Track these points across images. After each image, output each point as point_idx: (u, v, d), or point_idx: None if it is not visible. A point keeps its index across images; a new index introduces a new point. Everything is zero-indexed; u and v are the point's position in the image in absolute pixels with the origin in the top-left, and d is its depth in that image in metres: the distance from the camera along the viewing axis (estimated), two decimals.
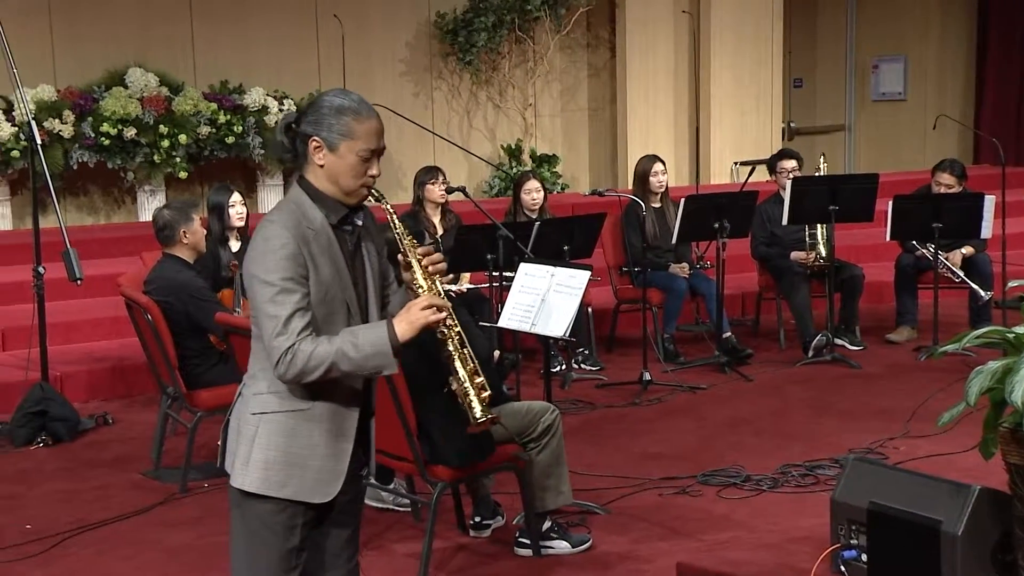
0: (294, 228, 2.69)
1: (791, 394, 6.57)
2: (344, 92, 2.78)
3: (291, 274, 2.66)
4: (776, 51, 11.35)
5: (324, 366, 2.66)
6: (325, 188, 2.76)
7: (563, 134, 11.28)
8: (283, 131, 2.83)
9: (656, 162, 7.47)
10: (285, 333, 2.65)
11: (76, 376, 6.64)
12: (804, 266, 7.37)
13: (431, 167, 7.29)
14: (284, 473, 2.74)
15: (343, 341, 2.67)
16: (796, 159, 7.58)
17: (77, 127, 8.78)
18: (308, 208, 2.75)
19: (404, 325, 2.69)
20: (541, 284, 5.14)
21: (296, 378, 2.68)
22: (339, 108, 2.72)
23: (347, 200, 2.77)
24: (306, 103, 9.61)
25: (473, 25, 10.38)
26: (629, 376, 6.87)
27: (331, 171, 2.74)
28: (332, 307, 2.73)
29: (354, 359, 2.66)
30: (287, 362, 2.66)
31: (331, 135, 2.72)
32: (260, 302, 2.69)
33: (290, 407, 2.75)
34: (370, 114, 2.73)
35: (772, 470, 5.23)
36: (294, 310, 2.66)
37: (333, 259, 2.73)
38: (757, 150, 11.11)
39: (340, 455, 2.78)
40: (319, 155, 2.74)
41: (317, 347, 2.66)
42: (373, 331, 2.69)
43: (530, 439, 4.43)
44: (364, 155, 2.72)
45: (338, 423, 2.78)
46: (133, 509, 4.98)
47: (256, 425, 2.76)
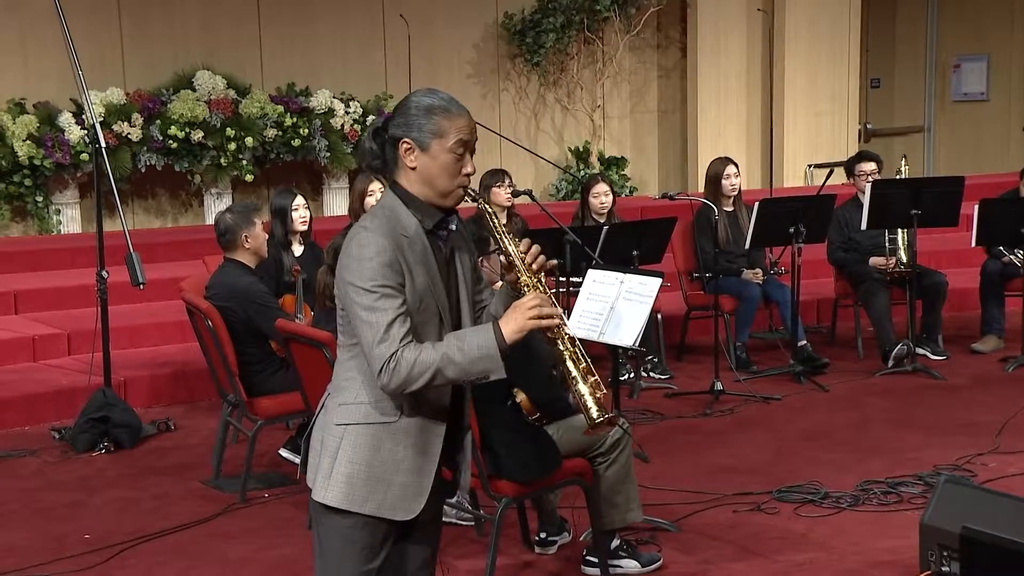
0: (390, 235, 2.60)
1: (870, 406, 6.31)
2: (432, 91, 2.69)
3: (389, 281, 2.57)
4: (853, 50, 11.04)
5: (429, 372, 2.55)
6: (419, 192, 2.66)
7: (632, 136, 11.09)
8: (371, 137, 2.73)
9: (729, 164, 7.25)
10: (387, 340, 2.55)
11: (139, 381, 6.60)
12: (883, 272, 7.10)
13: (497, 170, 7.15)
14: (367, 488, 2.64)
15: (448, 346, 2.57)
16: (876, 161, 7.30)
17: (145, 130, 8.80)
18: (402, 214, 2.65)
19: (512, 326, 2.56)
20: (610, 291, 4.97)
21: (400, 386, 2.57)
22: (428, 107, 2.64)
23: (443, 203, 2.66)
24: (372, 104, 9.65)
25: (541, 26, 10.23)
26: (700, 385, 6.66)
27: (424, 173, 2.64)
28: (425, 316, 2.63)
29: (460, 364, 2.55)
30: (391, 370, 2.55)
31: (422, 135, 2.63)
32: (358, 310, 2.58)
33: (376, 419, 2.64)
34: (460, 111, 2.65)
35: (852, 487, 5.00)
36: (394, 316, 2.56)
37: (428, 267, 2.64)
38: (832, 152, 10.82)
39: (424, 472, 2.67)
40: (411, 157, 2.65)
41: (421, 353, 2.55)
42: (479, 334, 2.58)
43: (598, 454, 4.27)
44: (457, 152, 2.63)
45: (424, 438, 2.67)
46: (192, 519, 4.90)
47: (340, 436, 2.66)
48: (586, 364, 2.59)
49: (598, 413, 2.56)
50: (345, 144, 9.31)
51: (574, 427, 4.26)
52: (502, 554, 4.29)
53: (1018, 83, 12.17)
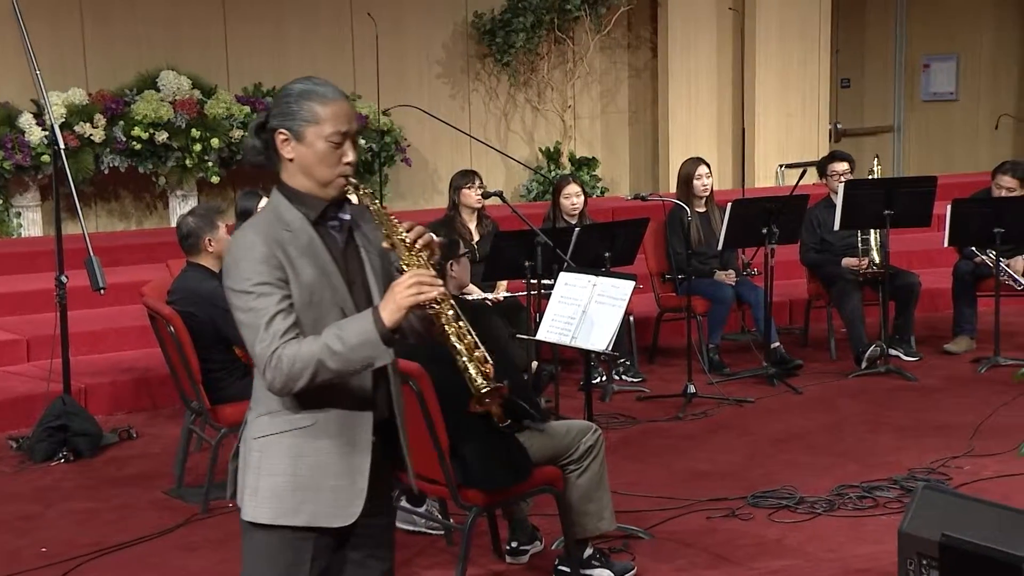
0: (265, 232, 2.50)
1: (844, 408, 6.26)
2: (308, 78, 2.59)
3: (265, 278, 2.46)
4: (823, 50, 11.03)
5: (311, 367, 2.43)
6: (301, 185, 2.56)
7: (603, 137, 11.02)
8: (254, 133, 2.63)
9: (700, 165, 7.19)
10: (266, 338, 2.44)
11: (100, 388, 6.45)
12: (856, 273, 7.05)
13: (467, 171, 7.06)
14: (296, 498, 2.53)
15: (328, 336, 2.44)
16: (848, 161, 7.26)
17: (108, 131, 8.63)
18: (284, 210, 2.55)
19: (390, 307, 2.44)
20: (582, 294, 4.90)
21: (285, 386, 2.46)
22: (300, 93, 2.53)
23: (324, 193, 2.56)
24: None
25: (511, 25, 10.14)
26: (672, 388, 6.59)
27: (302, 163, 2.54)
28: (321, 311, 2.51)
29: (341, 353, 2.43)
30: (273, 368, 2.44)
31: (296, 123, 2.52)
32: (238, 314, 2.49)
33: (291, 425, 2.53)
34: (336, 96, 2.54)
35: (827, 491, 4.94)
36: (274, 313, 2.45)
37: (316, 259, 2.52)
38: (803, 152, 10.79)
39: (356, 472, 2.55)
40: (287, 148, 2.55)
41: (301, 347, 2.44)
42: (359, 321, 2.46)
43: (570, 461, 4.19)
44: (334, 140, 2.52)
45: (349, 436, 2.54)
46: (153, 530, 4.77)
47: (260, 450, 2.55)
48: (471, 339, 2.48)
49: (483, 382, 2.46)
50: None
51: (546, 434, 4.18)
52: (472, 564, 4.19)
53: (987, 82, 12.20)
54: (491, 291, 6.66)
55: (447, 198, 7.09)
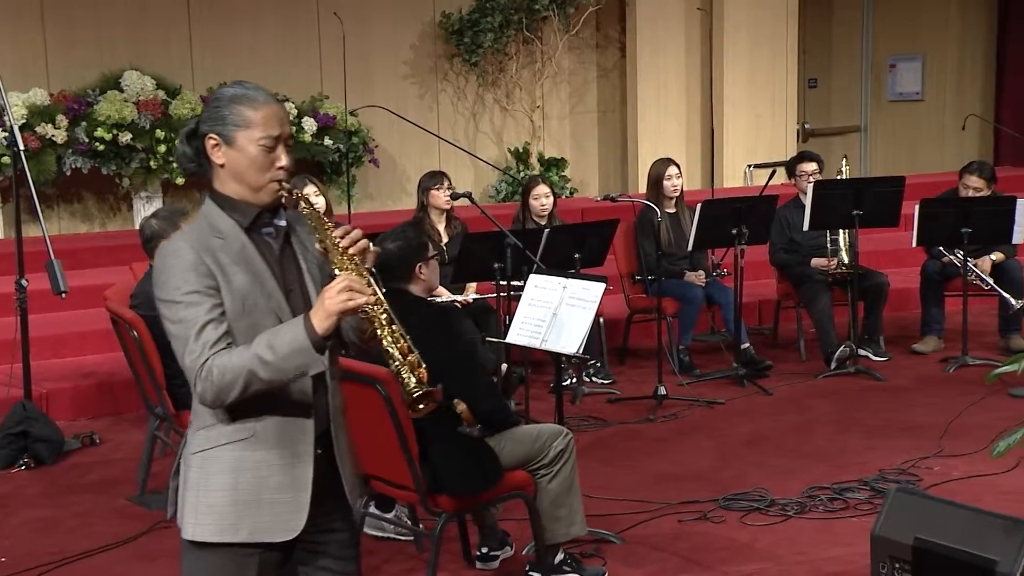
0: (194, 239, 2.44)
1: (814, 409, 6.26)
2: (239, 82, 2.53)
3: (194, 287, 2.39)
4: (791, 50, 11.03)
5: (242, 377, 2.35)
6: (234, 192, 2.50)
7: (572, 137, 10.97)
8: (185, 140, 2.53)
9: (670, 165, 7.17)
10: (196, 349, 2.37)
11: (62, 393, 6.35)
12: (825, 273, 7.05)
13: (435, 172, 7.00)
14: (236, 514, 2.45)
15: (258, 345, 2.37)
16: (816, 162, 7.26)
17: (70, 132, 8.49)
18: (215, 217, 2.49)
19: (320, 314, 2.36)
20: (552, 297, 4.86)
21: (216, 398, 2.38)
22: (231, 97, 2.47)
23: (257, 199, 2.49)
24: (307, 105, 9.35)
25: (479, 25, 10.08)
26: (642, 390, 6.57)
27: (234, 168, 2.48)
28: (256, 318, 2.43)
29: (272, 363, 2.35)
30: (203, 380, 2.36)
31: (226, 128, 2.46)
32: (168, 325, 2.42)
33: (229, 438, 2.45)
34: (267, 100, 2.48)
35: (798, 493, 4.93)
36: (203, 323, 2.38)
37: (249, 265, 2.46)
38: (772, 152, 10.80)
39: (298, 485, 2.47)
40: (218, 153, 2.48)
41: (231, 358, 2.36)
42: (290, 329, 2.38)
43: (541, 466, 4.15)
44: (266, 144, 2.46)
45: (290, 447, 2.47)
46: (116, 539, 4.69)
47: (199, 466, 2.47)
48: (405, 343, 2.40)
49: (416, 386, 2.38)
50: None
51: (516, 439, 4.15)
52: (442, 570, 4.15)
53: (952, 83, 12.26)
54: (460, 293, 6.61)
55: (416, 199, 7.03)
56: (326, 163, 9.39)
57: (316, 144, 9.22)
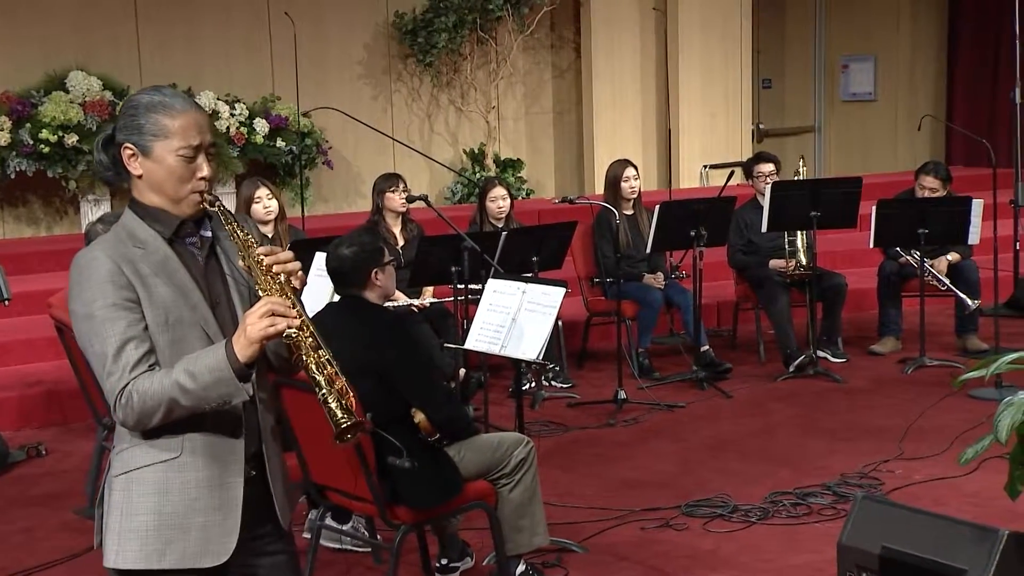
0: (112, 249, 2.31)
1: (774, 412, 6.23)
2: (156, 88, 2.40)
3: (113, 299, 2.26)
4: (745, 50, 11.04)
5: (164, 405, 2.23)
6: (153, 202, 2.37)
7: (527, 138, 10.90)
8: (101, 147, 2.41)
9: (628, 167, 7.12)
10: (116, 371, 2.24)
11: (6, 402, 6.17)
12: (784, 274, 7.03)
13: (390, 174, 6.88)
14: (162, 539, 2.32)
15: (179, 371, 2.24)
16: (774, 163, 7.24)
17: (14, 134, 8.28)
18: (135, 227, 2.36)
19: (242, 341, 2.22)
20: (511, 302, 4.78)
21: (138, 424, 2.27)
22: (147, 105, 2.34)
23: (178, 211, 2.37)
24: (258, 106, 9.17)
25: (433, 25, 9.97)
26: (602, 393, 6.51)
27: (152, 179, 2.36)
28: (180, 332, 2.32)
29: (193, 391, 2.22)
30: (123, 405, 2.24)
31: (143, 138, 2.34)
32: (84, 340, 2.29)
33: (155, 458, 2.32)
34: (186, 107, 2.35)
35: (760, 499, 4.89)
36: (124, 340, 2.25)
37: (172, 277, 2.34)
38: (727, 153, 10.80)
39: (228, 506, 2.35)
40: (134, 164, 2.36)
41: (152, 383, 2.24)
42: (210, 356, 2.24)
43: (501, 475, 4.07)
44: (185, 154, 2.33)
45: (219, 466, 2.35)
46: (64, 554, 4.54)
47: (122, 488, 2.34)
48: (332, 369, 2.25)
49: (344, 416, 2.23)
50: (231, 148, 8.93)
51: (476, 448, 4.07)
52: None
53: (904, 83, 12.34)
54: (417, 297, 6.51)
55: (370, 202, 6.92)
56: (279, 165, 9.24)
57: (268, 146, 9.06)
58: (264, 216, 5.99)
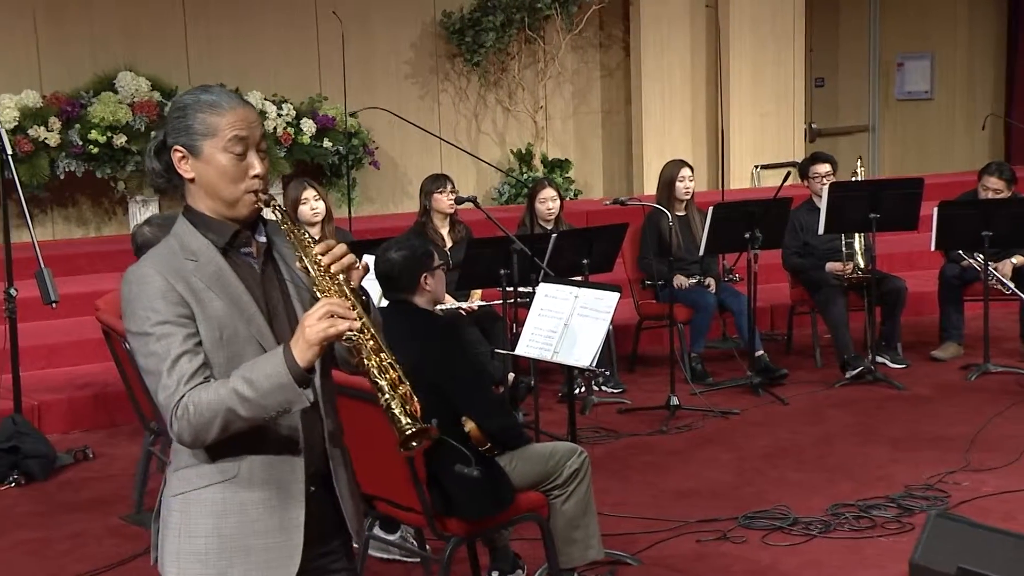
0: (163, 263, 2.23)
1: (833, 419, 6.05)
2: (202, 87, 2.32)
3: (165, 316, 2.18)
4: (798, 48, 10.83)
5: (220, 416, 2.14)
6: (207, 207, 2.29)
7: (575, 138, 10.76)
8: (153, 154, 2.32)
9: (683, 167, 6.97)
10: (169, 386, 2.16)
11: (55, 405, 6.14)
12: (841, 278, 6.84)
13: (438, 175, 6.79)
14: (224, 561, 2.25)
15: (236, 379, 2.15)
16: (830, 163, 7.05)
17: (64, 135, 8.28)
18: (188, 238, 2.27)
19: (301, 344, 2.13)
20: (564, 307, 4.67)
21: (195, 439, 2.17)
22: (194, 105, 2.25)
23: (234, 214, 2.28)
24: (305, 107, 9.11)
25: (481, 24, 9.87)
26: (654, 399, 6.37)
27: (204, 181, 2.26)
28: (235, 348, 2.22)
29: (251, 399, 2.13)
30: (179, 419, 2.15)
31: (191, 138, 2.25)
32: (139, 359, 2.21)
33: (213, 478, 2.25)
34: (233, 103, 2.27)
35: (821, 511, 4.73)
36: (178, 355, 2.17)
37: (227, 289, 2.25)
38: (779, 152, 10.60)
39: (290, 526, 2.27)
40: (185, 167, 2.27)
41: (208, 394, 2.15)
42: (269, 362, 2.15)
43: (554, 486, 3.97)
44: (234, 151, 2.25)
45: (278, 485, 2.26)
46: (110, 561, 4.49)
47: (179, 509, 2.27)
48: (395, 373, 2.17)
49: (408, 423, 2.14)
50: (279, 148, 8.88)
51: (529, 458, 3.97)
52: None
53: (962, 81, 12.06)
54: (465, 300, 6.41)
55: (417, 202, 6.83)
56: (325, 165, 9.18)
57: (315, 146, 9.01)
58: (311, 218, 5.92)
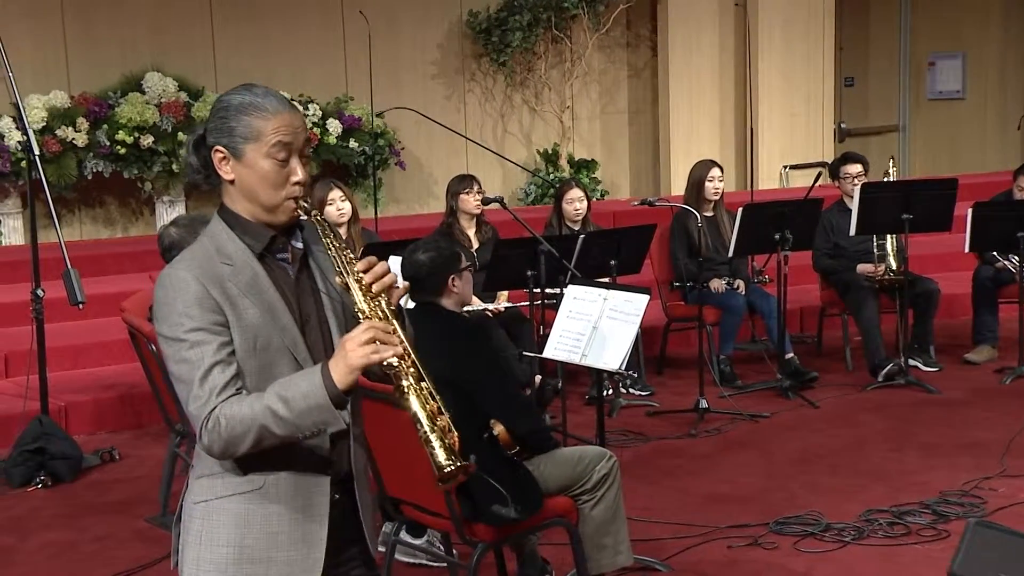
0: (199, 267, 2.17)
1: (865, 424, 5.96)
2: (247, 87, 2.26)
3: (200, 323, 2.13)
4: (827, 47, 10.72)
5: (253, 431, 2.10)
6: (245, 210, 2.24)
7: (602, 138, 10.70)
8: (192, 149, 2.27)
9: (713, 167, 6.89)
10: (201, 396, 2.12)
11: (81, 406, 6.13)
12: (872, 279, 6.75)
13: (465, 175, 6.74)
14: (243, 572, 2.21)
15: (271, 396, 2.11)
16: (862, 163, 6.95)
17: (91, 135, 8.30)
18: (224, 240, 2.22)
19: (341, 367, 2.08)
20: (592, 309, 4.61)
21: (225, 451, 2.14)
22: (238, 106, 2.19)
23: (272, 219, 2.24)
24: (332, 107, 9.10)
25: (507, 24, 9.82)
26: (682, 402, 6.30)
27: (244, 185, 2.22)
28: (268, 357, 2.18)
29: (286, 418, 2.09)
30: (209, 431, 2.12)
31: (233, 140, 2.20)
32: (170, 364, 2.17)
33: (238, 488, 2.21)
34: (279, 107, 2.21)
35: (854, 517, 4.65)
36: (211, 364, 2.12)
37: (261, 297, 2.20)
38: (808, 153, 10.51)
39: (312, 539, 2.23)
40: (226, 168, 2.22)
41: (241, 407, 2.11)
42: (306, 380, 2.11)
43: (583, 491, 3.91)
44: (278, 157, 2.20)
45: (304, 499, 2.23)
46: (136, 564, 4.46)
47: (202, 517, 2.23)
48: (435, 404, 2.12)
49: (447, 460, 2.09)
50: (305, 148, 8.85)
51: (557, 462, 3.92)
52: None
53: (994, 81, 11.91)
54: (491, 301, 6.36)
55: (443, 202, 6.78)
56: (351, 166, 9.16)
57: (341, 146, 8.99)
58: (337, 218, 5.89)
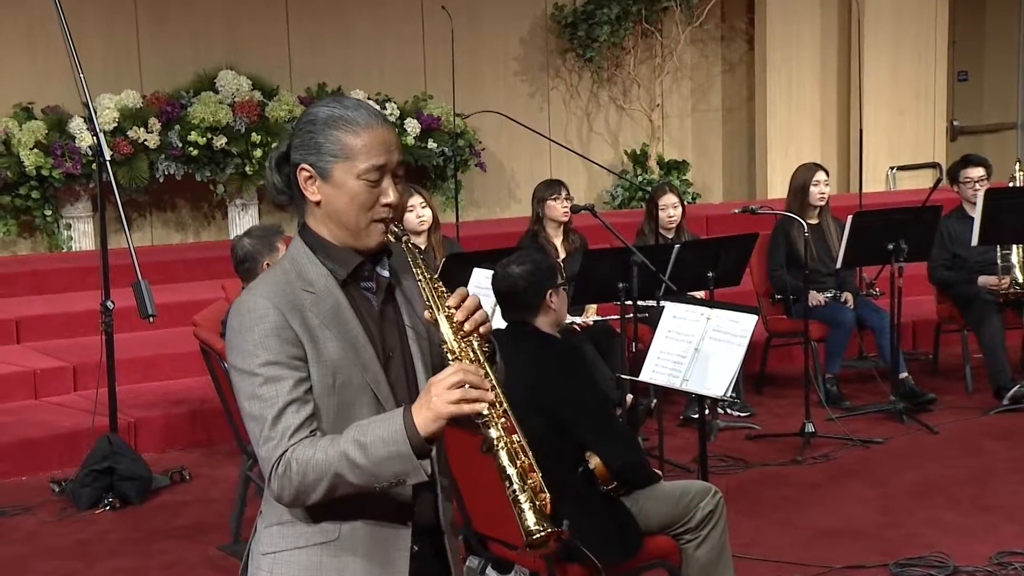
0: (279, 294, 2.00)
1: (989, 452, 5.46)
2: (335, 99, 2.08)
3: (276, 356, 1.96)
4: (940, 40, 10.13)
5: (327, 479, 1.93)
6: (330, 233, 2.05)
7: (693, 137, 10.24)
8: (274, 167, 2.07)
9: (818, 171, 6.42)
10: (273, 437, 1.95)
11: (151, 422, 5.87)
12: (995, 293, 6.21)
13: (553, 181, 6.35)
14: None
15: (348, 441, 1.93)
16: (984, 166, 6.42)
17: (163, 136, 8.08)
18: (306, 265, 2.04)
19: (425, 413, 1.90)
20: (694, 329, 4.22)
21: (296, 499, 1.97)
22: (326, 120, 2.02)
23: (359, 244, 2.05)
24: (410, 106, 8.76)
25: (595, 18, 9.41)
26: (784, 424, 5.86)
27: (331, 207, 2.03)
28: (347, 395, 2.00)
29: (363, 466, 1.91)
30: (279, 475, 1.95)
31: (321, 158, 2.01)
32: (242, 399, 2.00)
33: (311, 540, 2.03)
34: (370, 121, 2.02)
35: (985, 559, 4.21)
36: (286, 403, 1.95)
37: (343, 329, 2.02)
38: (917, 153, 9.95)
39: None
40: (311, 188, 2.03)
41: (316, 452, 1.93)
42: (386, 425, 1.92)
43: (686, 529, 3.59)
44: (369, 178, 2.01)
45: (381, 552, 2.04)
46: None
47: (270, 569, 2.06)
48: (527, 459, 1.90)
49: (536, 524, 1.86)
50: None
51: (658, 498, 3.60)
52: None
53: None
54: (580, 315, 5.97)
55: (525, 206, 6.43)
56: (430, 167, 8.83)
57: (419, 147, 8.66)
58: (417, 226, 5.53)
